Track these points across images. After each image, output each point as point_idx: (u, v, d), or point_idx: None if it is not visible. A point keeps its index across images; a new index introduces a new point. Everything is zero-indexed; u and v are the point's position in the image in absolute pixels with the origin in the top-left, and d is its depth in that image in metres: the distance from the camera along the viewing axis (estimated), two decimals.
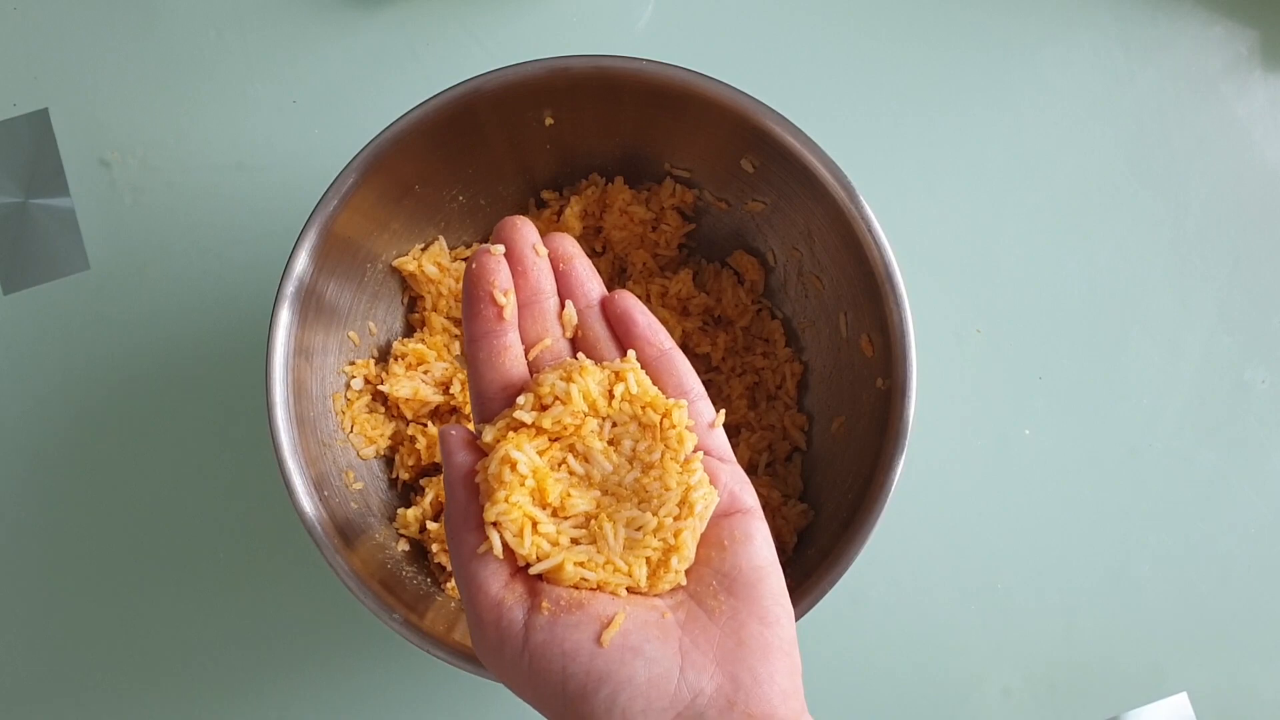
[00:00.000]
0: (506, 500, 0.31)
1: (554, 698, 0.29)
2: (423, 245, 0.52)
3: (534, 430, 0.32)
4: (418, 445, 0.50)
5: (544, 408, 0.33)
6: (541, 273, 0.35)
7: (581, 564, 0.31)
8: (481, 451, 0.33)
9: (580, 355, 0.34)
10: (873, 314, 0.45)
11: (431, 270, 0.51)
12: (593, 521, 0.32)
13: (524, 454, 0.32)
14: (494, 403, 0.34)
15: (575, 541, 0.32)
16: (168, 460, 0.54)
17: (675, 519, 0.32)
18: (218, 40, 0.58)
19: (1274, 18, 0.60)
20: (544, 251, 0.35)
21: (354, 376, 0.50)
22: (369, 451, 0.50)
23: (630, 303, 0.35)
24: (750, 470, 0.51)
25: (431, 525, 0.49)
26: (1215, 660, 0.54)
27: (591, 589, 0.31)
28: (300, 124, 0.58)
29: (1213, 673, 0.54)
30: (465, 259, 0.53)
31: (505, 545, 0.31)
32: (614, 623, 0.30)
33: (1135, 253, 0.58)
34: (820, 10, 0.60)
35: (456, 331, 0.53)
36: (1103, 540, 0.54)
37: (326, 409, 0.48)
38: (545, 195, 0.53)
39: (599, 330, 0.35)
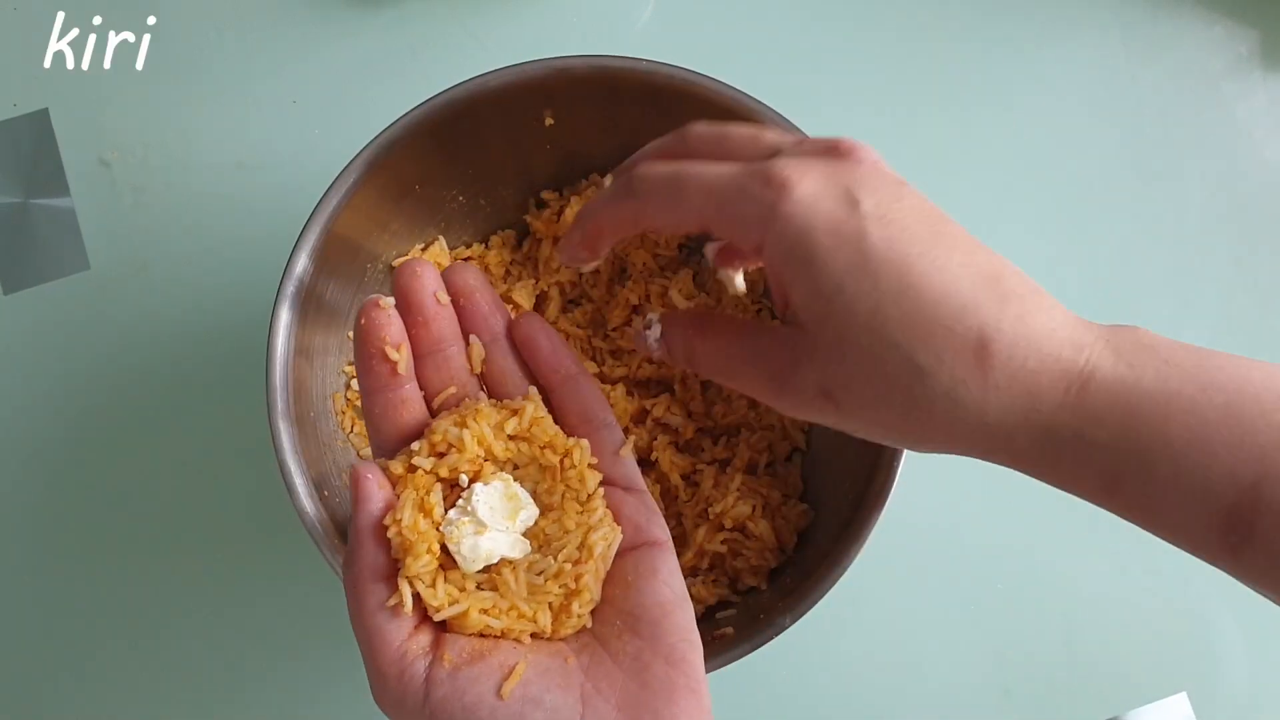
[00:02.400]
0: (428, 553, 0.30)
1: None
2: (423, 245, 0.52)
3: (432, 478, 0.32)
4: None
5: (440, 455, 0.32)
6: (444, 321, 0.34)
7: (486, 611, 0.31)
8: (393, 496, 0.32)
9: (483, 395, 0.33)
10: None
11: None
12: (493, 568, 0.31)
13: (437, 497, 0.31)
14: (392, 455, 0.33)
15: (479, 587, 0.31)
16: (167, 460, 0.54)
17: (575, 563, 0.31)
18: (218, 40, 0.58)
19: (1275, 18, 0.60)
20: (446, 300, 0.34)
21: (354, 377, 0.50)
22: (369, 452, 0.50)
23: (534, 328, 0.34)
24: (750, 470, 0.51)
25: None
26: (1215, 660, 0.54)
27: (496, 636, 0.31)
28: (300, 124, 0.57)
29: (1213, 673, 0.54)
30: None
31: (415, 595, 0.30)
32: (514, 673, 0.29)
33: (1136, 252, 0.58)
34: (821, 10, 0.59)
35: None
36: (1103, 540, 0.54)
37: (326, 409, 0.48)
38: (545, 195, 0.53)
39: (505, 364, 0.34)
